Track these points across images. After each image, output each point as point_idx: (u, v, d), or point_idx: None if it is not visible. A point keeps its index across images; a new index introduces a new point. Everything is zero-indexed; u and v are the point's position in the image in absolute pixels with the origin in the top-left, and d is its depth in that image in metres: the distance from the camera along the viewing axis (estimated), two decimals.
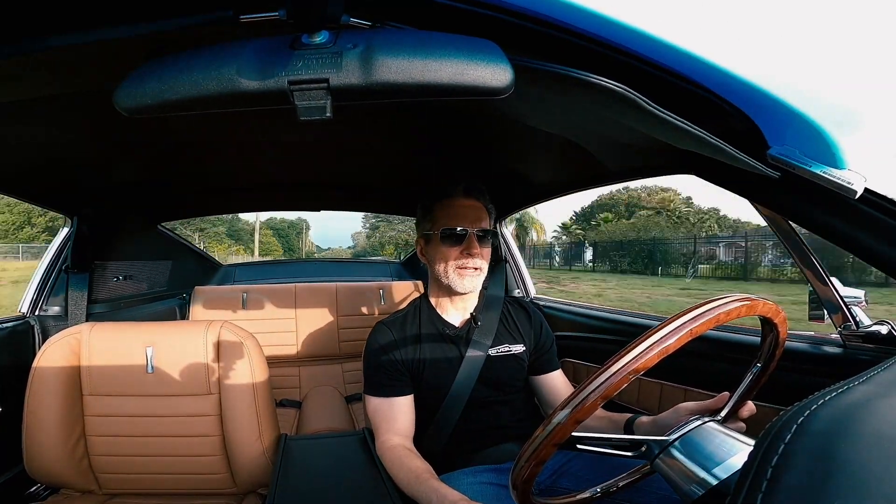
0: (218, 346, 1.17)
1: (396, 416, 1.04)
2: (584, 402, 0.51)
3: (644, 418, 0.87)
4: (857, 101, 0.52)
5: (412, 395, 1.07)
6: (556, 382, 1.17)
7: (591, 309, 1.75)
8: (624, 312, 1.60)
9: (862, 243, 0.63)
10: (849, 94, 0.51)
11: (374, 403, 1.06)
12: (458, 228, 1.06)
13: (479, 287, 1.12)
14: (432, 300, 1.16)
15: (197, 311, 2.14)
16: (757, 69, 0.50)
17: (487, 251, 1.10)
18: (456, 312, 1.15)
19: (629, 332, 1.43)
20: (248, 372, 1.16)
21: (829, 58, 0.49)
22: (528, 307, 1.22)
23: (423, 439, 1.07)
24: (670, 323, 0.51)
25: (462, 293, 1.10)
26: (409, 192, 1.87)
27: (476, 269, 1.08)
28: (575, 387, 0.54)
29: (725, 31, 0.48)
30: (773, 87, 0.51)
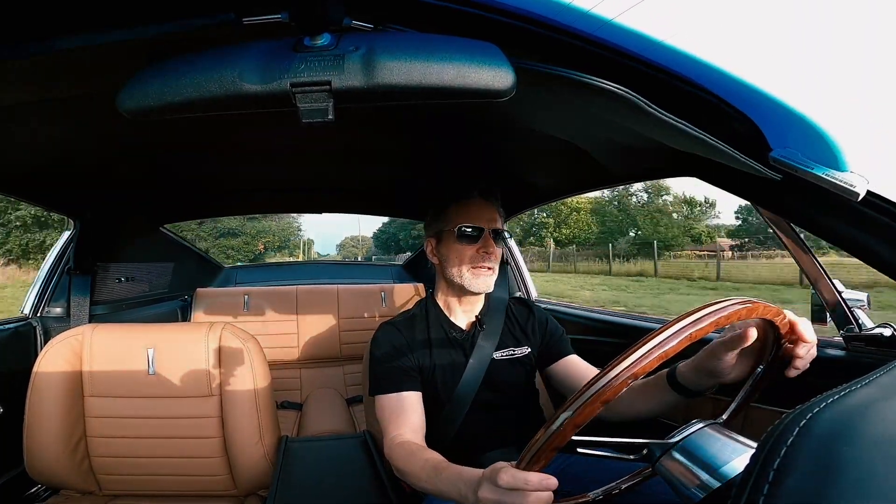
0: (219, 348, 1.17)
1: (407, 412, 1.00)
2: (583, 407, 0.51)
3: (684, 366, 0.80)
4: (858, 103, 0.52)
5: (421, 393, 1.05)
6: (575, 365, 1.12)
7: (592, 311, 1.74)
8: (625, 315, 1.60)
9: (865, 246, 0.62)
10: (850, 95, 0.51)
11: (382, 401, 1.03)
12: (475, 227, 1.07)
13: (492, 288, 1.11)
14: (440, 302, 1.16)
15: (199, 313, 2.15)
16: (758, 71, 0.50)
17: (500, 251, 1.11)
18: (463, 315, 1.14)
19: (630, 335, 1.42)
20: (249, 374, 1.16)
21: (830, 59, 0.49)
22: (532, 305, 1.22)
23: (426, 442, 1.06)
24: (670, 327, 0.51)
25: (476, 293, 1.09)
26: (412, 194, 1.88)
27: (490, 268, 1.08)
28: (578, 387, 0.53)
29: (727, 34, 0.48)
30: (774, 89, 0.51)
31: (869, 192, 0.57)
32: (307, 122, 0.46)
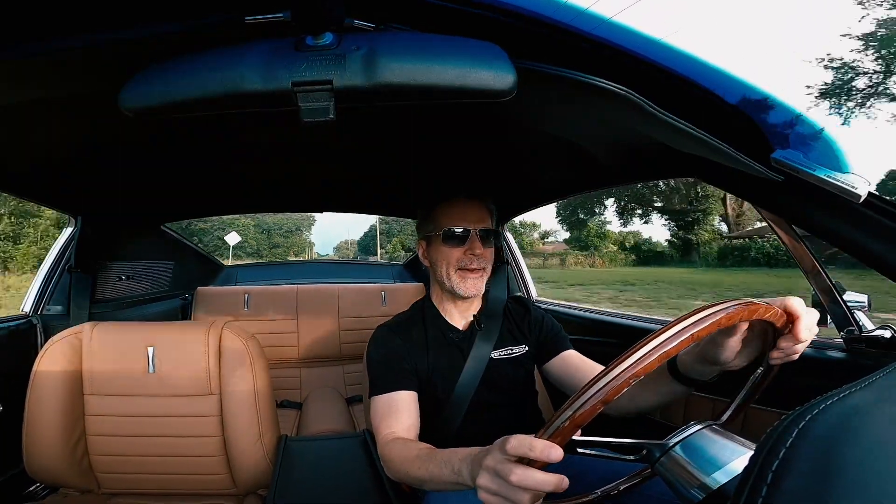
0: (220, 347, 1.17)
1: (400, 411, 0.99)
2: (584, 407, 0.51)
3: (685, 354, 0.78)
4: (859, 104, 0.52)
5: (416, 393, 1.04)
6: (573, 361, 1.10)
7: (592, 312, 1.74)
8: (625, 316, 1.60)
9: (866, 248, 0.62)
10: (852, 97, 0.51)
11: (377, 402, 1.03)
12: (461, 228, 1.06)
13: (482, 290, 1.11)
14: (435, 303, 1.15)
15: (199, 311, 2.15)
16: (760, 72, 0.50)
17: (490, 252, 1.09)
18: (459, 315, 1.14)
19: (630, 336, 1.42)
20: (249, 373, 1.16)
21: (831, 60, 0.49)
22: (529, 303, 1.22)
23: (425, 442, 1.06)
24: (672, 327, 0.51)
25: (465, 297, 1.09)
26: (413, 194, 1.88)
27: (479, 270, 1.07)
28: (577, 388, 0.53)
29: (729, 35, 0.48)
30: (776, 90, 0.51)
31: (870, 194, 0.57)
32: (308, 122, 0.46)
